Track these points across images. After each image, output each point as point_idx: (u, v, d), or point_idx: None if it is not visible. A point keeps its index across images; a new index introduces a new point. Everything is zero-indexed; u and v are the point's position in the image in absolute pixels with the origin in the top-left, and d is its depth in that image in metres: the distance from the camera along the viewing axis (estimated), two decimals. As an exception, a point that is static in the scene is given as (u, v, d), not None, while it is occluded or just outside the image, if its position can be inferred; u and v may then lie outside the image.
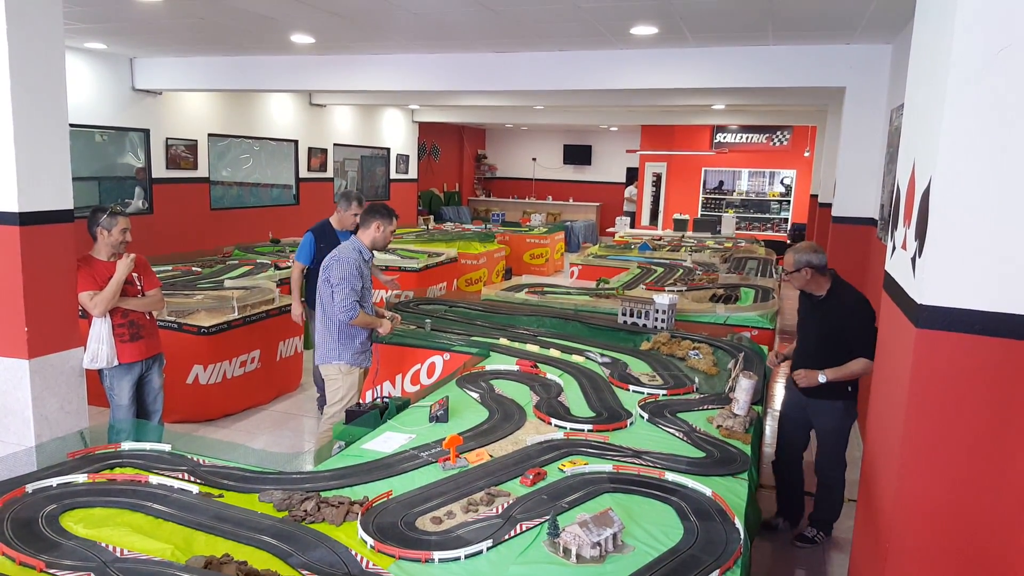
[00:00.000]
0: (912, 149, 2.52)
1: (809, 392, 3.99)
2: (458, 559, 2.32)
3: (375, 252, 4.60)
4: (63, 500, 2.56)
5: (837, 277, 3.97)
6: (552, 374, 4.30)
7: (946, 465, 2.15)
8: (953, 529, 2.15)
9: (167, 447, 3.09)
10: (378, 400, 3.84)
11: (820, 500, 4.22)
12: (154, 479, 2.75)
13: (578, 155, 20.35)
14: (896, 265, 2.61)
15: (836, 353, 3.85)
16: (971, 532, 2.13)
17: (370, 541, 2.38)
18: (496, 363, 4.54)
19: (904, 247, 2.45)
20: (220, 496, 2.70)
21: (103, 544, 2.28)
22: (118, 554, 2.23)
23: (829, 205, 7.53)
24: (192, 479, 2.79)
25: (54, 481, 2.67)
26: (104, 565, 2.15)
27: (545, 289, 7.35)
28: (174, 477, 2.78)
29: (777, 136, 16.65)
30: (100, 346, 4.20)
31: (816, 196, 11.01)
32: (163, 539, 2.34)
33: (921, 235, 2.17)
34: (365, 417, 3.56)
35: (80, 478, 2.72)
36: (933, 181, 2.10)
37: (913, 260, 2.27)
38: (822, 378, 3.87)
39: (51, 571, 2.12)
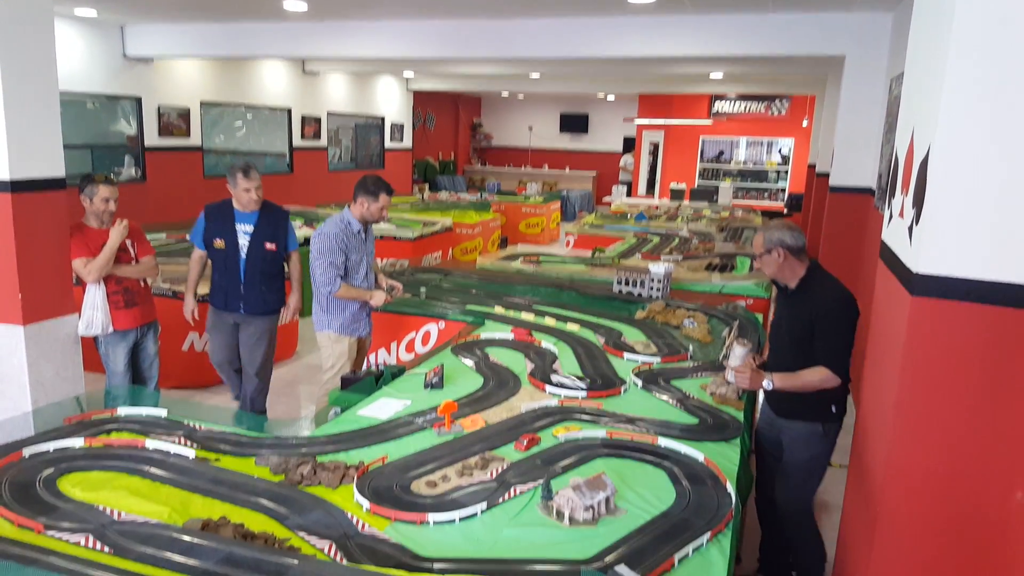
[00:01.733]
0: (911, 117, 2.50)
1: (779, 408, 3.29)
2: (453, 521, 2.34)
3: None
4: (60, 464, 2.57)
5: (816, 266, 3.25)
6: (547, 342, 4.31)
7: (938, 433, 2.17)
8: (943, 496, 2.18)
9: (163, 412, 3.10)
10: (373, 367, 3.85)
11: (795, 550, 3.44)
12: (151, 443, 2.76)
13: (575, 124, 20.21)
14: (892, 234, 2.61)
15: (805, 356, 3.11)
16: (961, 499, 2.16)
17: (366, 504, 2.40)
18: (491, 331, 4.55)
19: (901, 215, 2.45)
20: (217, 460, 2.72)
21: (101, 507, 2.30)
22: (116, 516, 2.25)
23: (827, 175, 7.52)
24: (189, 443, 2.81)
25: (51, 445, 2.68)
26: (102, 527, 2.17)
27: (541, 258, 7.35)
28: (171, 442, 2.79)
29: (775, 105, 16.53)
30: (95, 313, 4.20)
31: (814, 166, 10.98)
32: (160, 502, 2.36)
33: (919, 203, 2.17)
34: (361, 384, 3.58)
35: (77, 442, 2.73)
36: (932, 149, 2.09)
37: (910, 228, 2.27)
38: (767, 384, 3.12)
39: (50, 533, 2.14)
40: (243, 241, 4.57)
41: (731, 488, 2.55)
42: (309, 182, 12.52)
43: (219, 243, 4.57)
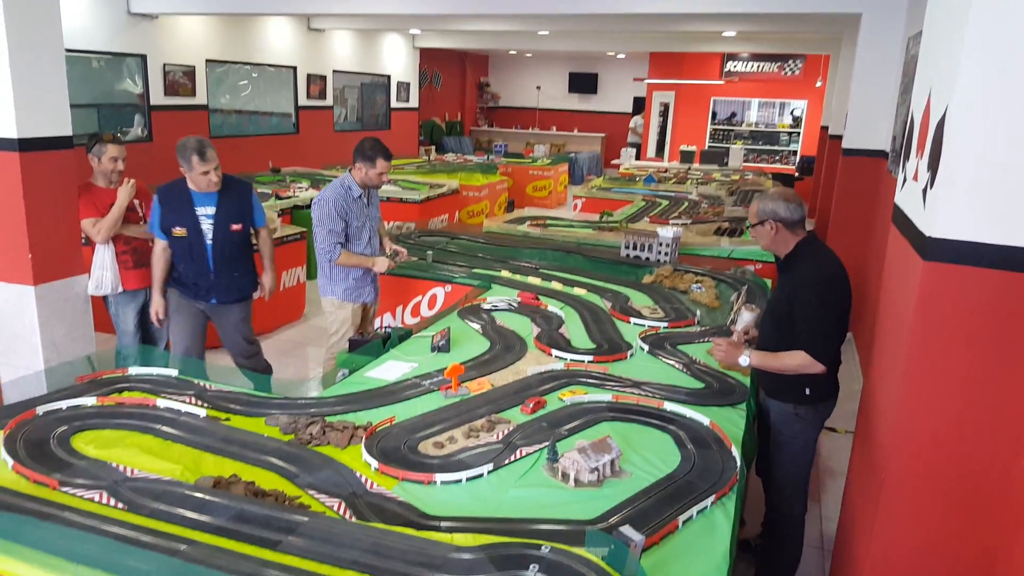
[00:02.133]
0: (929, 77, 2.45)
1: (762, 384, 3.20)
2: (459, 481, 2.38)
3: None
4: (73, 422, 2.61)
5: (808, 240, 2.98)
6: (553, 306, 4.32)
7: (946, 398, 2.17)
8: (950, 460, 2.19)
9: (174, 372, 3.13)
10: (380, 330, 3.87)
11: (769, 544, 3.32)
12: (162, 403, 2.79)
13: (584, 83, 19.95)
14: (906, 197, 2.58)
15: (787, 337, 2.92)
16: (967, 464, 2.16)
17: (374, 463, 2.43)
18: (497, 295, 4.56)
19: (915, 178, 2.42)
20: (227, 420, 2.76)
21: (114, 464, 2.33)
22: (129, 473, 2.29)
23: (840, 137, 7.42)
24: (199, 403, 2.84)
25: (64, 404, 2.72)
26: (116, 484, 2.21)
27: (548, 222, 7.32)
28: (181, 401, 2.82)
29: (789, 65, 16.26)
30: (104, 273, 4.22)
31: (827, 128, 10.83)
32: (172, 460, 2.39)
33: (934, 166, 2.14)
34: (368, 346, 3.60)
35: (89, 401, 2.76)
36: (949, 110, 2.05)
37: (924, 191, 2.24)
38: (743, 360, 2.96)
39: (64, 489, 2.18)
40: (206, 226, 4.04)
41: (736, 452, 2.58)
42: (315, 143, 12.45)
43: (179, 231, 4.00)
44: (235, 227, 4.10)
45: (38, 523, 1.93)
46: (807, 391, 2.97)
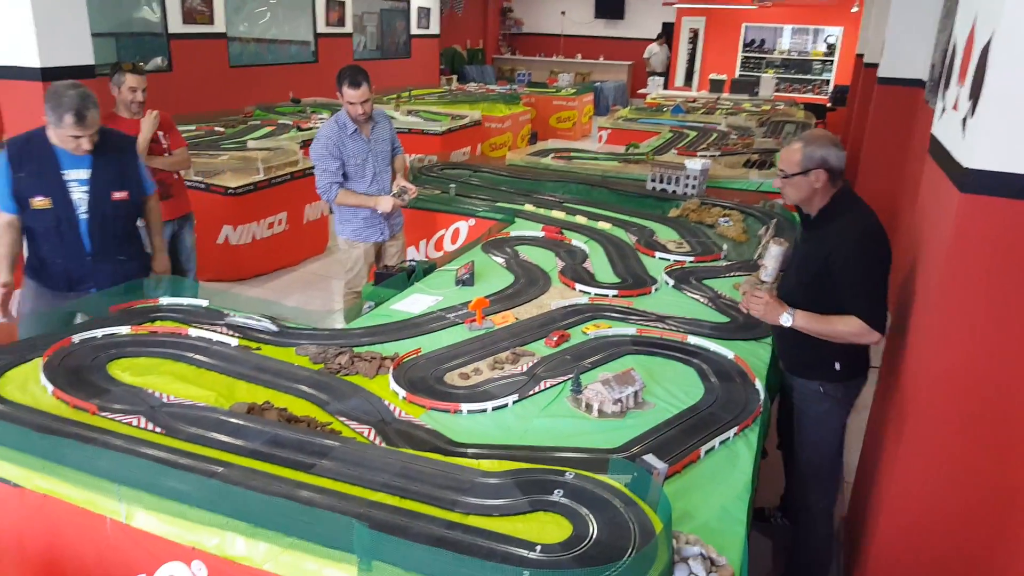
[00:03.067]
0: (974, 3, 2.35)
1: (784, 357, 2.84)
2: (485, 411, 2.42)
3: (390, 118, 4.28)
4: (109, 350, 2.67)
5: (844, 193, 2.59)
6: (577, 240, 4.30)
7: (977, 332, 2.15)
8: (976, 397, 2.18)
9: (204, 302, 3.19)
10: (405, 263, 3.88)
11: (796, 545, 2.97)
12: (193, 332, 2.85)
13: (610, 8, 19.28)
14: (944, 127, 2.50)
15: (819, 302, 2.56)
16: (994, 401, 2.16)
17: (402, 393, 2.48)
18: (521, 229, 4.54)
19: (955, 108, 2.34)
20: (258, 349, 2.81)
21: (150, 390, 2.40)
22: (165, 399, 2.36)
23: (875, 65, 7.17)
24: (230, 333, 2.90)
25: (99, 332, 2.78)
26: (152, 409, 2.28)
27: (572, 154, 7.22)
28: (213, 331, 2.88)
29: (825, -11, 15.62)
30: (131, 204, 4.23)
31: (862, 56, 10.46)
32: (206, 387, 2.46)
33: (975, 94, 2.07)
34: (393, 279, 3.62)
35: (123, 330, 2.83)
36: (995, 37, 1.97)
37: (963, 121, 2.17)
38: (786, 319, 2.54)
39: (103, 414, 2.26)
40: (78, 195, 3.13)
41: (760, 385, 2.59)
42: (335, 72, 12.23)
43: (41, 202, 3.08)
44: (118, 195, 3.22)
45: (79, 446, 2.00)
46: (837, 366, 2.60)
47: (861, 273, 2.46)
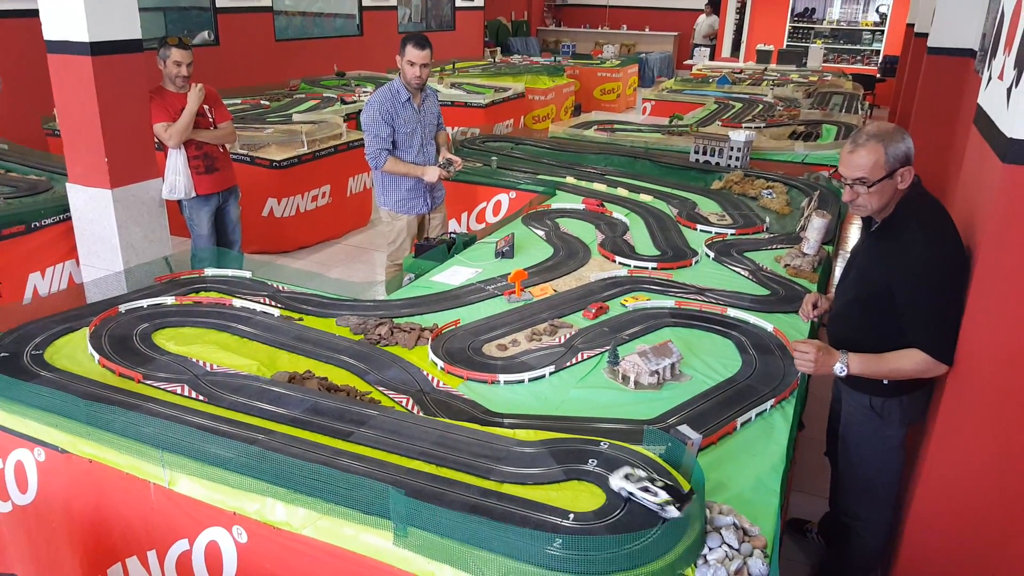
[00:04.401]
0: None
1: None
2: (522, 382, 2.43)
3: (434, 89, 4.27)
4: (154, 320, 2.75)
5: (914, 195, 2.26)
6: (618, 213, 4.26)
7: (1017, 305, 2.08)
8: (1016, 369, 2.12)
9: (248, 274, 3.25)
10: (445, 235, 3.90)
11: (838, 542, 2.75)
12: (237, 303, 2.92)
13: (656, -21, 18.90)
14: (989, 97, 2.41)
15: (878, 323, 2.29)
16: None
17: (440, 363, 2.51)
18: (562, 201, 4.52)
19: (1001, 77, 2.25)
20: (300, 320, 2.86)
21: (194, 359, 2.47)
22: (208, 368, 2.42)
23: (926, 35, 6.92)
24: (273, 303, 2.95)
25: (145, 302, 2.86)
26: (196, 378, 2.34)
27: (615, 126, 7.14)
28: (256, 301, 2.94)
29: (878, -44, 15.07)
30: (177, 177, 4.34)
31: (912, 25, 10.09)
32: (249, 356, 2.51)
33: (1021, 63, 1.98)
34: (433, 251, 3.64)
35: (168, 300, 2.90)
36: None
37: (1008, 91, 2.09)
38: (840, 369, 2.24)
39: (148, 382, 2.32)
40: None
41: (800, 359, 2.54)
42: (379, 45, 12.27)
43: None
44: None
45: (125, 413, 2.05)
46: (885, 380, 2.31)
47: (929, 302, 2.16)
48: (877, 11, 15.71)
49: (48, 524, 2.22)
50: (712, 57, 15.69)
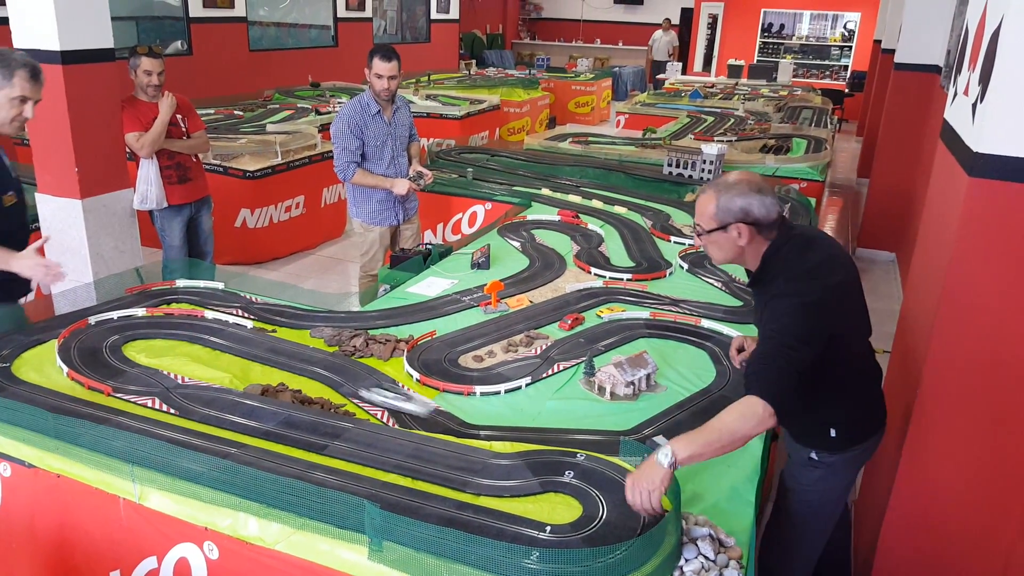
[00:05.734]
0: (988, -14, 2.32)
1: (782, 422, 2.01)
2: (498, 393, 2.43)
3: (402, 102, 4.24)
4: (124, 332, 2.70)
5: (782, 239, 2.06)
6: (593, 224, 4.28)
7: (985, 315, 2.13)
8: (985, 378, 2.17)
9: (220, 285, 3.21)
10: (420, 247, 3.89)
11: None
12: (209, 314, 2.88)
13: (629, -7, 19.13)
14: (955, 112, 2.48)
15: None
16: (1002, 383, 2.14)
17: (416, 375, 2.49)
18: (538, 213, 4.53)
19: (966, 93, 2.31)
20: (273, 331, 2.83)
21: (165, 372, 2.43)
22: (179, 381, 2.38)
23: (892, 51, 7.09)
24: (246, 315, 2.92)
25: (115, 314, 2.81)
26: (167, 391, 2.30)
27: (590, 139, 7.19)
28: (229, 313, 2.90)
29: (845, -26, 15.42)
30: (149, 187, 4.28)
31: (880, 42, 10.32)
32: (221, 368, 2.48)
33: (985, 79, 2.04)
34: (409, 262, 3.63)
35: (139, 312, 2.86)
36: (1004, 21, 1.94)
37: (974, 106, 2.15)
38: (666, 460, 1.73)
39: (118, 395, 2.28)
40: None
41: (773, 370, 2.57)
42: (354, 56, 12.23)
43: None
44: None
45: (94, 426, 2.00)
46: (832, 432, 2.13)
47: (768, 342, 1.96)
48: (845, 27, 16.04)
49: (9, 542, 2.16)
50: (684, 71, 15.87)
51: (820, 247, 2.08)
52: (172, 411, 2.21)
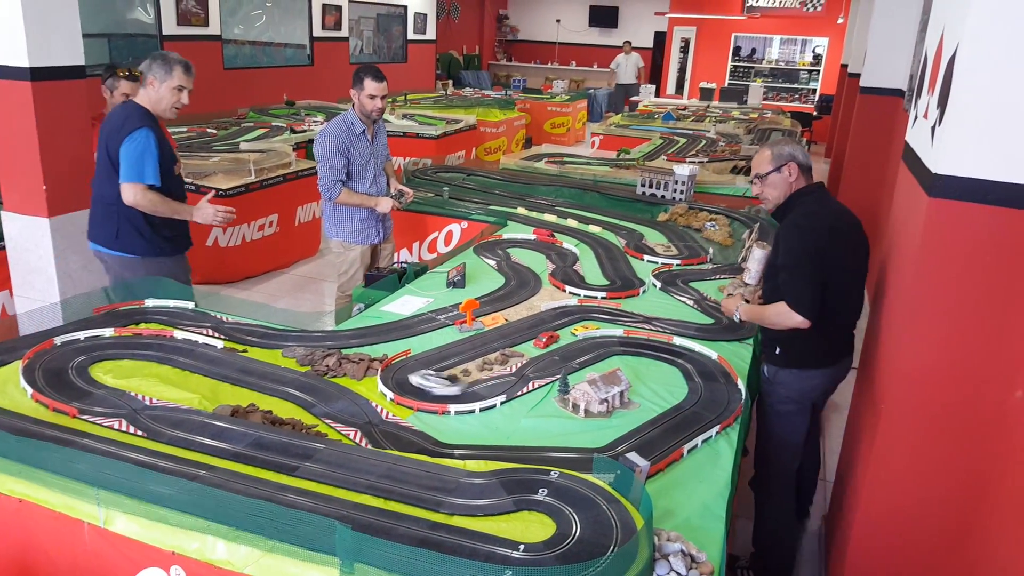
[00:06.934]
0: (943, 14, 2.40)
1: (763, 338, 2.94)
2: (473, 412, 2.42)
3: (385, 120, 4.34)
4: (91, 352, 2.65)
5: (810, 188, 2.77)
6: (568, 243, 4.31)
7: (946, 332, 2.18)
8: (946, 394, 2.21)
9: (190, 304, 3.17)
10: (396, 265, 3.88)
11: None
12: (179, 334, 2.84)
13: (604, 17, 19.40)
14: (916, 135, 2.55)
15: (775, 294, 2.73)
16: (963, 397, 2.18)
17: (390, 394, 2.48)
18: (513, 232, 4.55)
19: (926, 116, 2.38)
20: (244, 351, 2.80)
21: (132, 393, 2.38)
22: (147, 402, 2.35)
23: (858, 75, 7.26)
24: (216, 335, 2.88)
25: (82, 334, 2.76)
26: (134, 412, 2.26)
27: (565, 159, 7.25)
28: (199, 333, 2.87)
29: (811, 1, 15.77)
30: (120, 206, 4.22)
31: (846, 66, 10.57)
32: (190, 389, 2.44)
33: (943, 103, 2.11)
34: (384, 281, 3.62)
35: (107, 332, 2.81)
36: (960, 47, 2.01)
37: (933, 129, 2.21)
38: (736, 315, 2.90)
39: (83, 417, 2.23)
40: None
41: (742, 385, 2.61)
42: (330, 75, 12.25)
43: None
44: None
45: (58, 449, 1.95)
46: (777, 350, 2.75)
47: (788, 258, 2.64)
48: (813, 52, 16.40)
49: (-29, 569, 2.10)
50: (657, 94, 16.08)
51: (840, 207, 2.77)
52: (140, 433, 2.17)
